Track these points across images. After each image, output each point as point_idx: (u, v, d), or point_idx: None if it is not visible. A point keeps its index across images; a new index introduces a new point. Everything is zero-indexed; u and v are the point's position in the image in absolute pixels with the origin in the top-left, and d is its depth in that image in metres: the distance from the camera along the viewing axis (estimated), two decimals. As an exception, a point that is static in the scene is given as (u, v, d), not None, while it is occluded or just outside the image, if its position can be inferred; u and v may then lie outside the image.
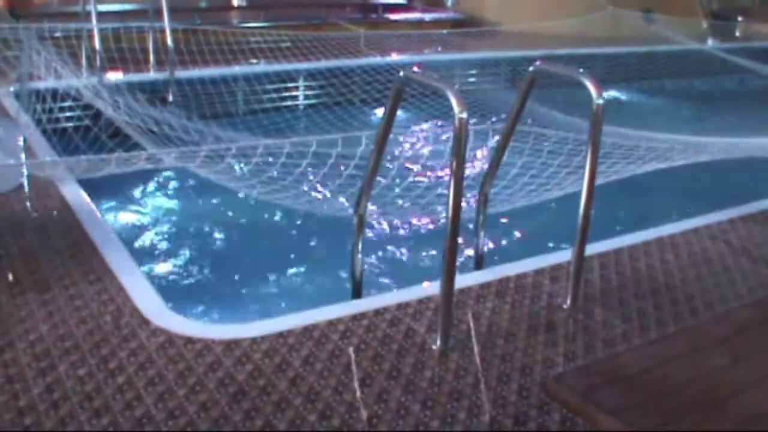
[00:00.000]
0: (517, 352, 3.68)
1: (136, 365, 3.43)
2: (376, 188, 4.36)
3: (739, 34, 15.25)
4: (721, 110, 10.81)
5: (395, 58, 10.97)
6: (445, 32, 12.88)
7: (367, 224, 4.42)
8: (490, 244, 4.91)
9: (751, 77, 12.23)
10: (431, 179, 5.40)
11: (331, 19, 12.92)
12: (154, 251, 6.03)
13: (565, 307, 4.13)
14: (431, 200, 5.11)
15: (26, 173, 5.59)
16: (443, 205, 3.66)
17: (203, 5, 13.92)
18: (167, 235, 6.37)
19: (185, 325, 3.82)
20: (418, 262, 5.99)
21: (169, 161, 5.29)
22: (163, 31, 8.90)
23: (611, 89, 11.41)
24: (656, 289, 4.43)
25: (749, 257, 4.93)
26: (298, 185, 4.83)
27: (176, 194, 7.23)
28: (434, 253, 5.95)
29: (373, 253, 6.03)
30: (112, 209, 6.63)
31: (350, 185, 4.71)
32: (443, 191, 4.29)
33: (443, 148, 4.55)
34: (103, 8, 9.15)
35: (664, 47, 12.74)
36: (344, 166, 4.69)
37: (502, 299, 4.19)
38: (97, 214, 5.13)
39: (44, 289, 4.08)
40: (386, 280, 5.65)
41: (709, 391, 2.38)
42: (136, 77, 8.79)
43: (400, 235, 6.37)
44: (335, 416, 3.15)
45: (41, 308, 3.88)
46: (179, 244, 6.19)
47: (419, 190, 5.25)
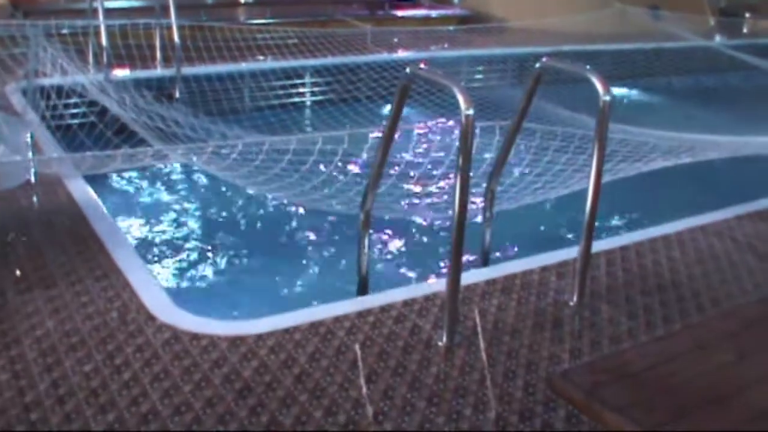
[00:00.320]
0: (522, 348, 3.68)
1: (142, 361, 3.44)
2: (382, 185, 4.36)
3: (746, 30, 15.20)
4: (728, 107, 10.77)
5: (402, 54, 10.96)
6: (451, 29, 12.86)
7: (373, 221, 4.42)
8: (496, 240, 4.90)
9: (758, 74, 12.18)
10: (437, 176, 5.39)
11: (337, 15, 12.90)
12: (160, 248, 6.04)
13: (571, 303, 4.13)
14: (437, 197, 5.11)
15: (33, 169, 5.60)
16: (449, 201, 3.66)
17: (210, 2, 13.91)
18: (173, 231, 6.38)
19: (191, 321, 3.82)
20: (424, 258, 5.99)
21: (175, 158, 5.30)
22: (169, 27, 8.90)
23: (618, 86, 11.38)
24: (662, 285, 4.42)
25: (756, 254, 4.92)
26: (304, 182, 4.83)
27: (182, 190, 7.23)
28: (440, 249, 5.95)
29: (379, 249, 6.03)
30: (118, 206, 6.63)
31: (356, 182, 4.71)
32: (449, 188, 4.29)
33: (450, 144, 4.55)
34: (109, 5, 9.18)
35: (671, 44, 12.70)
36: (350, 162, 4.70)
37: (508, 296, 4.19)
38: (103, 210, 5.14)
39: (51, 285, 4.09)
40: (392, 276, 5.65)
41: (715, 387, 2.37)
42: (142, 74, 8.79)
43: (406, 231, 6.37)
44: (341, 412, 3.15)
45: (47, 304, 3.88)
46: (185, 240, 6.20)
47: (425, 186, 5.25)
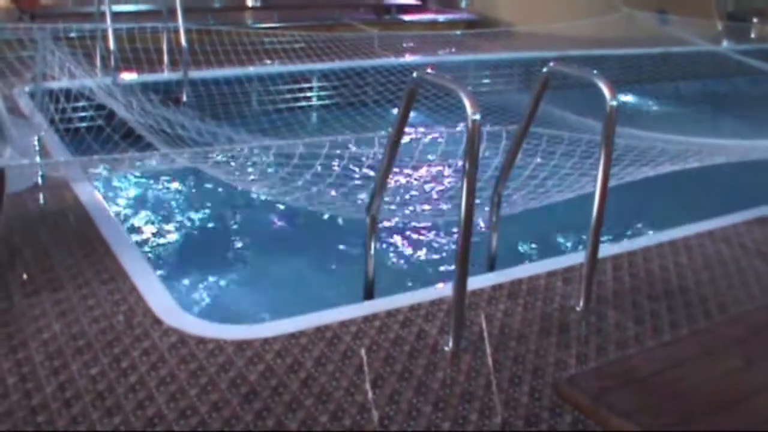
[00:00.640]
0: (529, 353, 3.67)
1: (148, 365, 3.44)
2: (388, 189, 4.35)
3: (754, 35, 15.18)
4: (736, 112, 10.76)
5: (409, 58, 10.97)
6: (458, 33, 12.88)
7: (379, 225, 4.42)
8: (502, 245, 4.89)
9: (766, 79, 12.16)
10: (444, 181, 5.39)
11: (344, 19, 12.93)
12: (166, 251, 6.04)
13: (577, 309, 4.12)
14: (444, 201, 5.10)
15: (40, 172, 5.62)
16: (456, 206, 3.65)
17: (217, 6, 13.96)
18: (180, 235, 6.39)
19: (197, 325, 3.83)
20: (430, 263, 5.99)
21: (181, 162, 5.30)
22: (177, 31, 8.92)
23: (625, 91, 11.38)
24: (669, 291, 4.41)
25: (764, 259, 4.91)
26: (310, 186, 4.83)
27: (189, 194, 7.24)
28: (446, 254, 5.94)
29: (385, 254, 6.02)
30: (125, 209, 6.65)
31: (363, 186, 4.71)
32: (456, 193, 4.29)
33: (456, 149, 4.55)
34: (117, 9, 9.21)
35: (678, 48, 12.69)
36: (357, 166, 4.69)
37: (514, 301, 4.19)
38: (110, 213, 5.15)
39: (57, 288, 4.10)
40: (399, 281, 5.64)
41: (722, 393, 2.36)
42: (149, 77, 8.82)
43: (412, 236, 6.37)
44: (346, 417, 3.15)
45: (54, 307, 3.89)
46: (191, 243, 6.20)
47: (432, 191, 5.25)
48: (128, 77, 8.67)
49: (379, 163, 4.13)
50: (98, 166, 6.05)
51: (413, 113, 4.07)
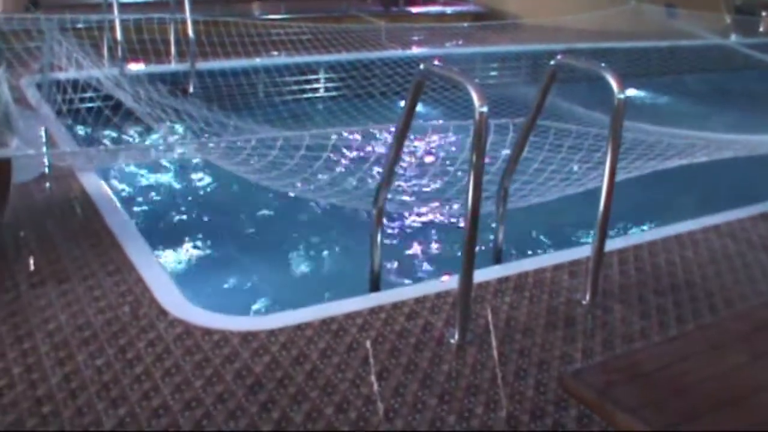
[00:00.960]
0: (535, 347, 3.67)
1: (153, 356, 3.44)
2: (395, 181, 4.35)
3: (762, 29, 15.11)
4: (744, 106, 10.71)
5: (416, 51, 10.96)
6: (466, 25, 12.85)
7: (385, 217, 4.41)
8: (509, 238, 4.88)
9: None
10: (451, 173, 5.38)
11: (352, 11, 12.92)
12: (172, 242, 6.04)
13: (583, 302, 4.12)
14: (450, 194, 5.09)
15: (47, 163, 5.62)
16: (462, 199, 3.65)
17: (224, -3, 13.94)
18: (186, 226, 6.38)
19: (203, 316, 3.83)
20: (436, 255, 5.98)
21: (188, 152, 5.30)
22: (184, 22, 8.92)
23: (633, 84, 11.34)
24: (675, 285, 4.40)
25: (770, 254, 4.90)
26: (317, 177, 4.82)
27: (195, 185, 7.24)
28: (453, 246, 5.94)
29: (391, 246, 6.02)
30: (131, 199, 6.65)
31: (369, 178, 4.71)
32: (463, 185, 4.28)
33: (463, 141, 4.54)
34: (124, -1, 9.19)
35: (686, 42, 12.65)
36: (364, 158, 4.69)
37: (520, 294, 4.18)
38: (116, 204, 5.15)
39: (63, 279, 4.10)
40: (405, 273, 5.64)
41: (728, 389, 2.36)
42: (157, 68, 8.81)
43: (418, 228, 6.36)
44: (352, 409, 3.15)
45: (60, 298, 3.90)
46: (198, 234, 6.20)
47: (438, 183, 5.24)
48: (135, 68, 8.67)
49: (385, 154, 4.12)
50: (105, 156, 6.04)
51: (420, 106, 4.05)
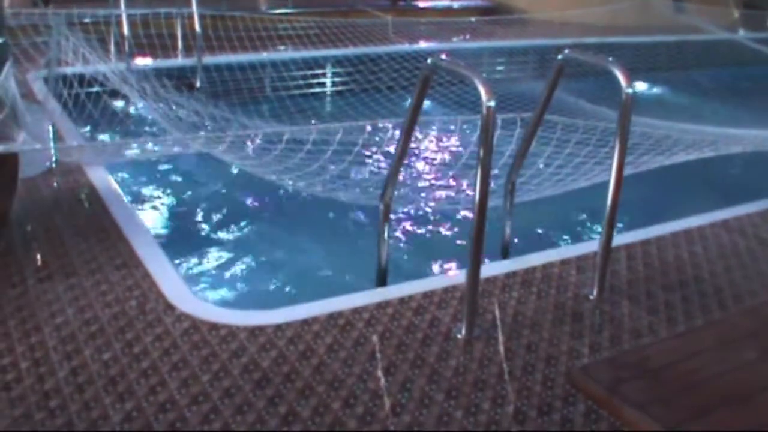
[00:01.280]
0: (542, 342, 3.66)
1: (160, 350, 3.44)
2: (402, 176, 4.34)
3: (771, 24, 15.06)
4: (752, 101, 10.68)
5: (423, 45, 10.94)
6: (473, 20, 12.82)
7: (392, 212, 4.40)
8: (516, 233, 4.87)
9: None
10: (458, 168, 5.37)
11: (358, 5, 12.90)
12: (179, 237, 6.04)
13: (591, 297, 4.11)
14: (458, 188, 5.09)
15: (54, 157, 5.63)
16: (470, 193, 3.64)
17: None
18: (193, 220, 6.38)
19: (210, 310, 3.83)
20: (443, 250, 5.97)
21: (195, 147, 5.30)
22: (191, 16, 8.93)
23: (640, 79, 11.31)
24: (684, 281, 4.39)
25: (779, 250, 4.88)
26: (324, 172, 4.82)
27: (202, 180, 7.24)
28: (460, 241, 5.93)
29: (398, 241, 6.01)
30: (138, 194, 6.65)
31: (376, 173, 4.70)
32: (470, 180, 4.27)
33: (470, 136, 4.53)
34: (131, -6, 9.20)
35: (694, 37, 12.61)
36: (371, 153, 4.68)
37: (528, 289, 4.17)
38: (123, 198, 5.15)
39: (71, 273, 4.10)
40: (412, 268, 5.63)
41: (736, 385, 2.35)
42: (163, 63, 8.82)
43: (426, 223, 6.35)
44: (359, 404, 3.14)
45: (67, 292, 3.90)
46: (204, 229, 6.20)
47: (446, 178, 5.23)
48: (142, 63, 8.67)
49: (392, 149, 4.11)
50: (112, 151, 6.04)
51: (427, 100, 4.05)
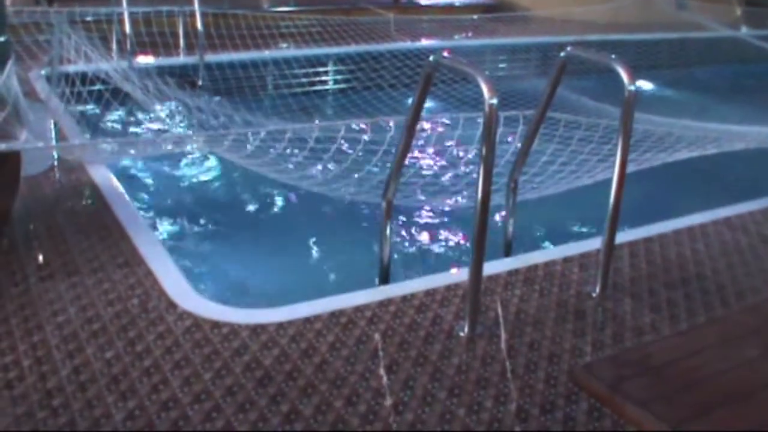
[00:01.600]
0: (545, 340, 3.66)
1: (162, 348, 3.44)
2: (404, 174, 4.33)
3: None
4: (755, 98, 10.66)
5: (425, 43, 10.93)
6: (475, 17, 12.81)
7: (395, 210, 4.40)
8: (519, 231, 4.87)
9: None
10: (460, 166, 5.37)
11: (360, 3, 12.89)
12: (181, 235, 6.04)
13: (593, 295, 4.10)
14: (460, 186, 5.08)
15: (56, 156, 5.62)
16: (472, 191, 3.64)
17: (233, -11, 13.93)
18: (195, 218, 6.38)
19: (212, 309, 3.83)
20: (446, 248, 5.97)
21: (197, 145, 5.30)
22: (193, 14, 8.92)
23: (642, 76, 11.29)
24: (686, 278, 4.38)
25: (782, 247, 4.88)
26: (326, 170, 4.81)
27: (204, 177, 7.24)
28: (462, 239, 5.93)
29: (401, 239, 6.01)
30: (140, 192, 6.65)
31: (379, 170, 4.69)
32: (472, 178, 4.26)
33: (473, 134, 4.52)
34: (133, -8, 9.20)
35: (696, 34, 12.59)
36: (373, 151, 4.67)
37: (530, 287, 4.17)
38: (125, 197, 5.15)
39: (73, 271, 4.10)
40: (414, 266, 5.63)
41: (739, 382, 2.34)
42: (165, 61, 8.82)
43: (428, 221, 6.35)
44: (361, 402, 3.14)
45: (69, 290, 3.90)
46: (207, 227, 6.20)
47: (448, 176, 5.22)
48: (144, 61, 8.67)
49: (395, 147, 4.11)
50: (114, 149, 6.04)
51: (429, 98, 4.04)
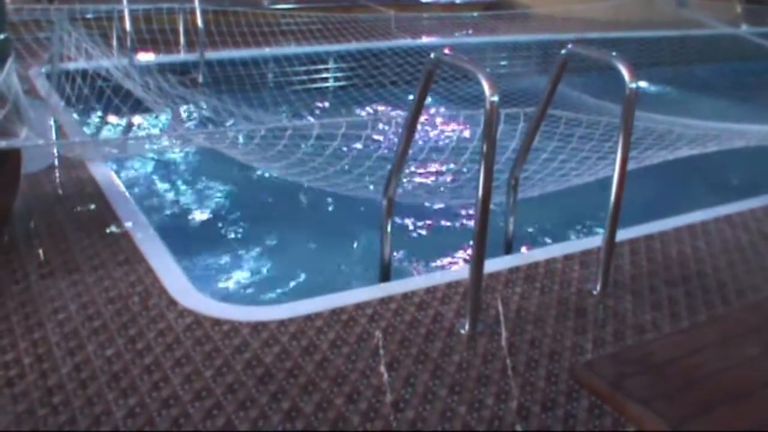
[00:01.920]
0: (545, 337, 3.66)
1: (163, 346, 3.44)
2: (405, 171, 4.33)
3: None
4: (755, 96, 10.65)
5: (426, 40, 10.93)
6: (476, 15, 12.80)
7: (395, 207, 4.40)
8: (519, 228, 4.87)
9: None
10: (461, 163, 5.37)
11: (361, 0, 12.87)
12: (182, 232, 6.04)
13: (594, 293, 4.10)
14: (461, 184, 5.08)
15: (56, 153, 5.62)
16: (473, 188, 3.64)
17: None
18: (195, 215, 6.38)
19: (213, 306, 3.83)
20: (447, 245, 5.96)
21: (198, 142, 5.29)
22: (193, 12, 8.92)
23: (643, 74, 11.28)
24: (687, 276, 4.38)
25: (782, 245, 4.87)
26: (327, 167, 4.81)
27: (205, 175, 7.23)
28: (463, 236, 5.92)
29: (402, 236, 6.00)
30: (141, 190, 6.65)
31: (379, 167, 4.69)
32: (473, 175, 4.26)
33: (474, 131, 4.52)
34: (134, -11, 9.19)
35: (697, 31, 12.58)
36: (374, 148, 4.68)
37: (531, 284, 4.17)
38: (126, 194, 5.15)
39: (73, 269, 4.10)
40: (415, 263, 5.63)
41: (740, 380, 2.34)
42: (166, 58, 8.81)
43: (429, 218, 6.34)
44: (362, 400, 3.14)
45: (70, 288, 3.90)
46: (207, 224, 6.20)
47: (449, 173, 5.22)
48: (145, 58, 8.67)
49: (395, 144, 4.11)
50: (114, 146, 6.04)
51: (430, 95, 4.04)
